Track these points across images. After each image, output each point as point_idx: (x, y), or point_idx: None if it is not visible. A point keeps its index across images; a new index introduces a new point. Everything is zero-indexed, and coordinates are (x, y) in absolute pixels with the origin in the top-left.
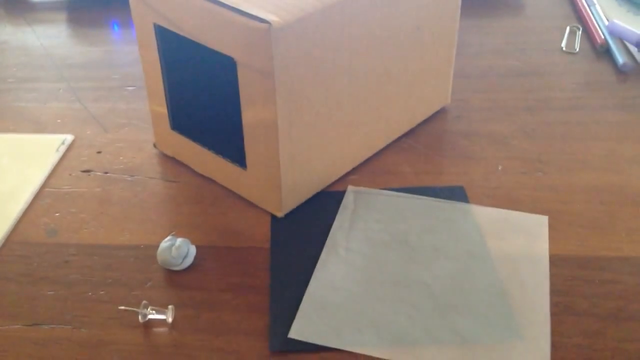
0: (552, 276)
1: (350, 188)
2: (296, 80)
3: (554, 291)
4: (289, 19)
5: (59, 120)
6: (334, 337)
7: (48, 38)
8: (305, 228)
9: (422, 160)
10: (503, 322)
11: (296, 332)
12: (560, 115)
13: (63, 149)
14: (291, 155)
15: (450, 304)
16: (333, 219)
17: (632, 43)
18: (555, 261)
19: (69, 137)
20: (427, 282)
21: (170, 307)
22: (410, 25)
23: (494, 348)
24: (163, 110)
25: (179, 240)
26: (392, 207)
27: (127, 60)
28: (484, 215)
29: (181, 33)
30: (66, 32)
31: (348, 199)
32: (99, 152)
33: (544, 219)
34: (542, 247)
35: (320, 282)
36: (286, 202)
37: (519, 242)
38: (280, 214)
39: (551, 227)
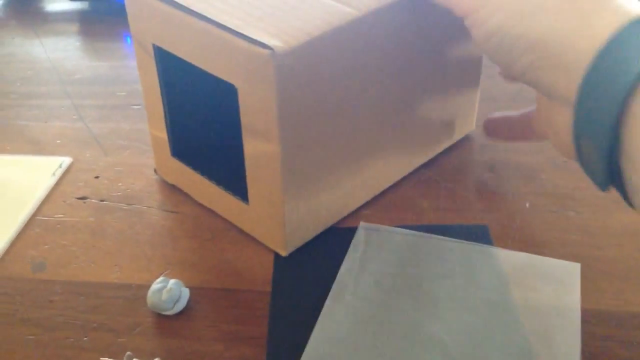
0: (584, 334)
1: (362, 225)
2: (301, 110)
3: (585, 352)
4: (294, 43)
5: (58, 141)
6: None
7: (56, 51)
8: (311, 269)
9: (442, 195)
10: None
11: None
12: None
13: (60, 172)
14: (296, 189)
15: None
16: (342, 258)
17: None
18: (587, 317)
19: (66, 160)
20: (440, 336)
21: None
22: (432, 47)
23: None
24: (163, 135)
25: (171, 282)
26: (407, 247)
27: (135, 76)
28: (509, 259)
29: (181, 56)
30: (75, 45)
31: (359, 238)
32: (96, 177)
33: (576, 267)
34: (573, 300)
35: (323, 334)
36: (291, 240)
37: (547, 292)
38: (284, 253)
39: (583, 276)
